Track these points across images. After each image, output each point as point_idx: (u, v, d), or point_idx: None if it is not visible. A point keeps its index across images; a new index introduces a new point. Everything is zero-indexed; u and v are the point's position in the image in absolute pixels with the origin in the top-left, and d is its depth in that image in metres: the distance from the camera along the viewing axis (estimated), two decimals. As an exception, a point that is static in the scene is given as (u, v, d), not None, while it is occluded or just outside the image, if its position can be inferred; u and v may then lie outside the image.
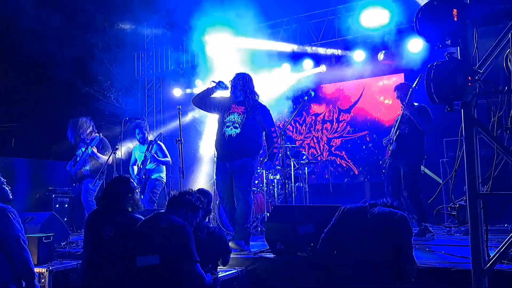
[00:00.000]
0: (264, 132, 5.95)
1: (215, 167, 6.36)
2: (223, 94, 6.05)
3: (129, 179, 4.16)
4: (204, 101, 6.02)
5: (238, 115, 5.80)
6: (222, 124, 5.88)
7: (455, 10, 3.17)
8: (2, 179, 4.29)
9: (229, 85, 5.91)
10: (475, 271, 3.07)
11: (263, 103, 6.06)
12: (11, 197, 4.31)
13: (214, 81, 5.91)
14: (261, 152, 6.03)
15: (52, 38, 13.41)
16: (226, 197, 5.88)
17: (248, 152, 5.74)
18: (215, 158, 6.29)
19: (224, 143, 5.81)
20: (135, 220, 3.93)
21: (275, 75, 10.07)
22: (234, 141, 5.72)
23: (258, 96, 6.00)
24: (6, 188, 4.30)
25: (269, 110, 6.02)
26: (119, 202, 4.00)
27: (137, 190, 4.20)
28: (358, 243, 3.61)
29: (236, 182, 5.73)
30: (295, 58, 10.15)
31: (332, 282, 4.06)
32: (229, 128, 5.77)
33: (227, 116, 5.85)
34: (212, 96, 6.00)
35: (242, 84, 5.87)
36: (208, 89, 5.97)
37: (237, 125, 5.75)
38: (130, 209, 4.06)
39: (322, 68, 9.98)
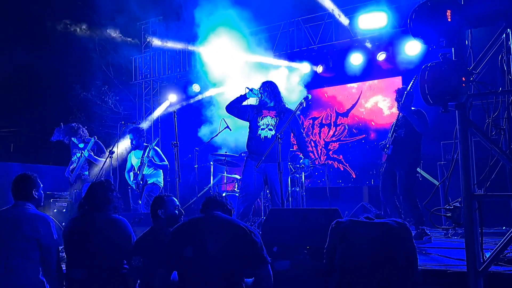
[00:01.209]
0: (292, 134, 6.38)
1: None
2: (250, 102, 6.47)
3: (109, 181, 4.18)
4: (237, 107, 6.40)
5: (271, 118, 6.27)
6: (255, 127, 6.30)
7: (449, 11, 3.16)
8: (41, 184, 4.27)
9: (259, 95, 6.32)
10: (470, 272, 3.05)
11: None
12: (42, 203, 4.31)
13: (247, 87, 6.29)
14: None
15: (50, 42, 13.44)
16: (249, 194, 6.20)
17: (283, 156, 5.92)
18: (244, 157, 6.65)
19: (260, 144, 6.20)
20: (117, 221, 3.96)
21: (272, 78, 10.06)
22: (270, 143, 6.05)
23: (285, 102, 6.45)
24: (42, 193, 4.29)
25: (296, 114, 6.38)
26: (102, 205, 4.00)
27: (116, 191, 4.18)
28: (363, 253, 3.28)
29: (276, 186, 6.04)
30: (293, 61, 10.15)
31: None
32: (264, 131, 6.23)
33: (261, 120, 6.29)
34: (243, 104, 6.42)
35: (271, 91, 6.33)
36: (241, 95, 6.36)
37: (272, 128, 6.22)
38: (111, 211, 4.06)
39: (319, 69, 9.98)
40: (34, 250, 3.84)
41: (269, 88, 6.35)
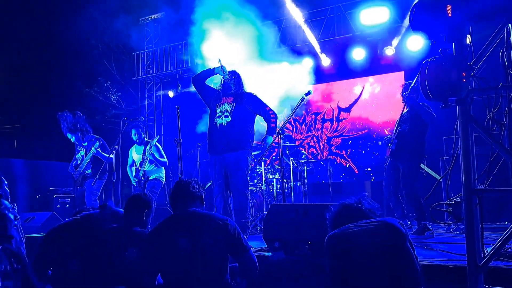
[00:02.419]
0: (256, 117, 6.17)
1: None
2: (216, 86, 6.31)
3: None
4: (202, 81, 6.25)
5: (228, 104, 6.04)
6: (213, 115, 6.11)
7: (449, 6, 3.14)
8: (4, 181, 4.31)
9: (226, 76, 6.13)
10: (470, 267, 3.04)
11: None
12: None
13: (220, 60, 6.13)
14: (254, 144, 6.21)
15: (52, 39, 13.46)
16: (220, 191, 6.03)
17: (240, 144, 5.85)
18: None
19: (215, 133, 6.01)
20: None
21: (274, 74, 10.04)
22: (225, 130, 5.91)
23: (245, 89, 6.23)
24: (7, 190, 4.31)
25: (256, 95, 6.20)
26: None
27: None
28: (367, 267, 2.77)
29: (233, 177, 5.90)
30: (295, 56, 10.13)
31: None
32: (220, 118, 6.01)
33: (218, 108, 6.09)
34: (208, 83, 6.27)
35: (236, 78, 6.17)
36: (209, 69, 6.23)
37: (228, 114, 5.98)
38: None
39: (323, 63, 9.95)
40: None
41: (236, 76, 6.21)
